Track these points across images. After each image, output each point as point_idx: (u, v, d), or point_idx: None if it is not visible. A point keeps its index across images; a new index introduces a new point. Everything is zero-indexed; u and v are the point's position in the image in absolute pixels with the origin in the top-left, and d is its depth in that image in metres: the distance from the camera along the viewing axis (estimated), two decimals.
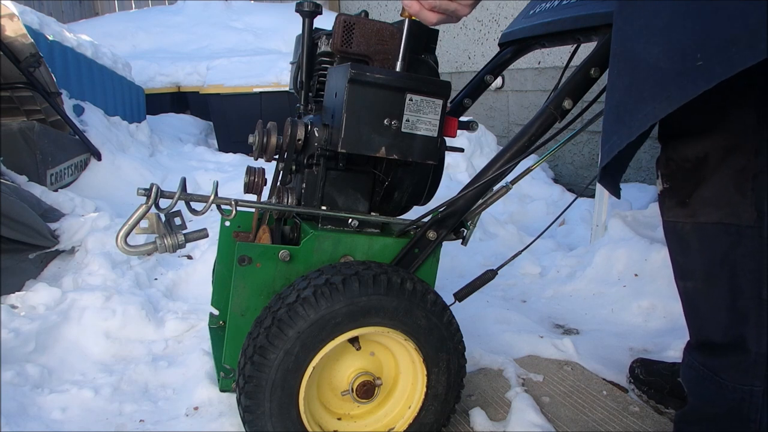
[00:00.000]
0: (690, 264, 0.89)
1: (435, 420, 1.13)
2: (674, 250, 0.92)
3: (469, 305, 1.80)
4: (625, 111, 0.77)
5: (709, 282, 0.87)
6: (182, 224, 1.11)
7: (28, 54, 2.66)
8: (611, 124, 0.79)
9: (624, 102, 0.78)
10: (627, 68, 0.78)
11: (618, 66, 0.80)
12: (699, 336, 0.92)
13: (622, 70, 0.79)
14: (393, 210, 1.30)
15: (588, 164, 3.58)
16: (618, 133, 0.77)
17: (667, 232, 0.93)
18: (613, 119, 0.79)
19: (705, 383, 0.89)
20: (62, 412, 1.29)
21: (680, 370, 0.98)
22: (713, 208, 0.83)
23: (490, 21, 4.23)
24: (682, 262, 0.91)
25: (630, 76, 0.77)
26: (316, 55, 1.27)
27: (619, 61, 0.80)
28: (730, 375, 0.86)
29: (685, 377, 0.95)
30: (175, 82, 5.23)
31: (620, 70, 0.79)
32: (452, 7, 0.97)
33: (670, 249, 0.93)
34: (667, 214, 0.91)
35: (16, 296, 1.77)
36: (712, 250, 0.85)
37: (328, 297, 0.99)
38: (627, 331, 1.78)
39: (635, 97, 0.76)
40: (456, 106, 1.44)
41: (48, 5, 7.31)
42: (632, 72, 0.77)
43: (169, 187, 1.06)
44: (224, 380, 1.24)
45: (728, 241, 0.83)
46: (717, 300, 0.86)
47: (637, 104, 0.75)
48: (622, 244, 2.05)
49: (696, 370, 0.91)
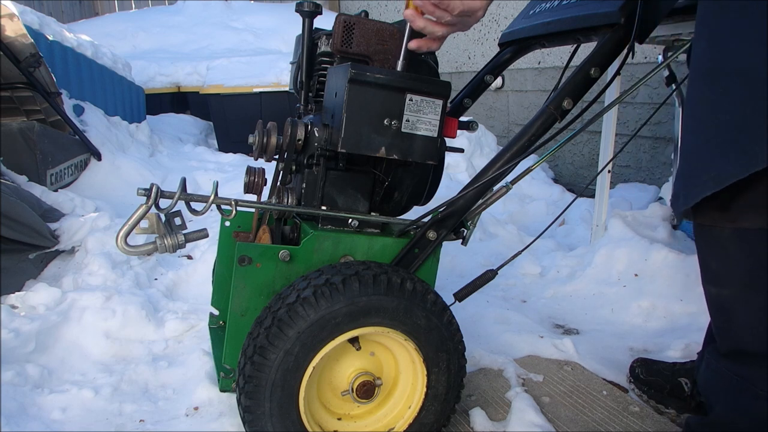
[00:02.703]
0: (727, 270, 0.85)
1: (435, 420, 1.13)
2: (708, 255, 0.88)
3: (469, 305, 1.80)
4: (744, 137, 0.70)
5: (748, 289, 0.82)
6: (182, 224, 1.11)
7: (28, 54, 2.66)
8: (718, 149, 0.72)
9: (740, 127, 0.71)
10: (740, 86, 0.70)
11: (723, 81, 0.72)
12: (733, 344, 0.87)
13: (733, 88, 0.71)
14: (393, 210, 1.30)
15: (588, 164, 3.58)
16: (733, 163, 0.70)
17: (701, 236, 0.88)
18: (720, 143, 0.72)
19: (738, 393, 0.85)
20: (62, 412, 1.29)
21: (702, 376, 0.94)
22: (757, 213, 0.78)
23: (490, 21, 4.24)
24: (717, 267, 0.86)
25: (748, 97, 0.70)
26: (316, 55, 1.27)
27: (721, 75, 0.72)
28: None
29: (710, 384, 0.91)
30: (175, 82, 5.23)
31: (729, 88, 0.72)
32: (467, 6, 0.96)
33: (703, 253, 0.89)
34: (700, 218, 0.86)
35: (16, 296, 1.77)
36: (754, 256, 0.81)
37: (328, 297, 0.99)
38: (627, 331, 1.78)
39: (759, 122, 0.68)
40: (456, 106, 1.44)
41: (48, 5, 7.31)
42: (751, 92, 0.69)
43: (169, 187, 1.06)
44: (224, 380, 1.24)
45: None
46: (757, 308, 0.82)
47: (765, 134, 0.68)
48: (622, 244, 2.05)
49: (727, 378, 0.87)
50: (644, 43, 1.03)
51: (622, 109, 3.18)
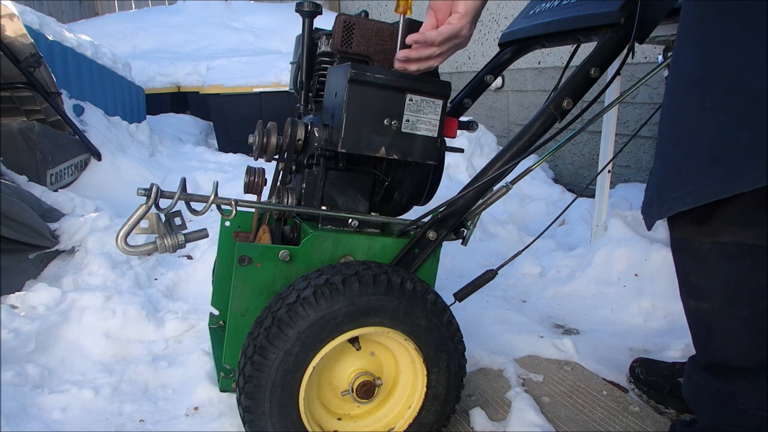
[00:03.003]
0: (707, 284, 0.83)
1: (435, 420, 1.13)
2: (688, 269, 0.85)
3: (469, 305, 1.80)
4: (730, 155, 0.66)
5: (729, 304, 0.80)
6: (182, 224, 1.11)
7: (28, 54, 2.66)
8: (703, 166, 0.69)
9: (726, 144, 0.67)
10: (729, 101, 0.66)
11: (711, 93, 0.68)
12: (713, 358, 0.85)
13: (721, 102, 0.67)
14: (393, 210, 1.30)
15: (588, 164, 3.58)
16: (717, 182, 0.67)
17: (679, 250, 0.86)
18: (704, 161, 0.68)
19: (720, 407, 0.84)
20: (62, 412, 1.29)
21: (685, 387, 0.92)
22: (737, 227, 0.76)
23: (490, 21, 4.24)
24: (697, 281, 0.84)
25: (737, 113, 0.66)
26: (316, 55, 1.27)
27: (709, 87, 0.68)
28: (750, 400, 0.80)
29: (694, 397, 0.89)
30: (175, 82, 5.23)
31: (717, 101, 0.67)
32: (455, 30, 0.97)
33: (682, 267, 0.87)
34: (678, 231, 0.84)
35: (16, 296, 1.77)
36: (734, 271, 0.79)
37: (328, 297, 0.99)
38: (627, 331, 1.78)
39: (749, 141, 0.65)
40: (456, 106, 1.44)
41: (48, 5, 7.32)
42: (740, 107, 0.65)
43: (169, 187, 1.06)
44: (224, 380, 1.24)
45: (752, 263, 0.77)
46: (737, 323, 0.80)
47: (753, 155, 0.64)
48: (622, 244, 2.05)
49: (709, 392, 0.85)
50: (644, 43, 1.03)
51: (622, 109, 3.18)
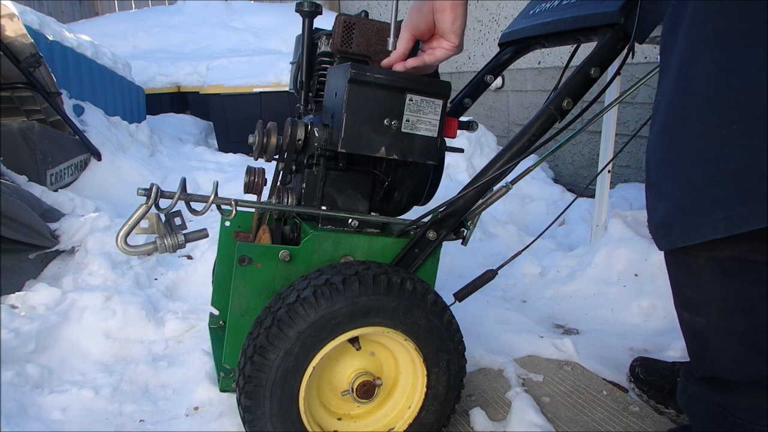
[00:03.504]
0: (702, 298, 0.81)
1: (435, 420, 1.13)
2: (682, 283, 0.84)
3: (469, 305, 1.80)
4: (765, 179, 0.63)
5: (724, 319, 0.79)
6: (182, 224, 1.11)
7: (28, 54, 2.66)
8: (736, 194, 0.66)
9: (758, 170, 0.64)
10: (759, 124, 0.63)
11: (737, 114, 0.65)
12: (708, 371, 0.85)
13: (751, 125, 0.64)
14: (393, 210, 1.30)
15: (588, 164, 3.58)
16: (756, 207, 0.64)
17: (673, 263, 0.85)
18: (734, 187, 0.66)
19: (717, 420, 0.83)
20: (62, 412, 1.29)
21: (680, 396, 0.91)
22: (733, 242, 0.73)
23: (490, 21, 4.24)
24: (692, 295, 0.83)
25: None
26: (316, 55, 1.27)
27: (735, 108, 0.64)
28: (746, 414, 0.79)
29: (690, 407, 0.89)
30: (175, 82, 5.24)
31: (745, 124, 0.64)
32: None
33: (676, 280, 0.85)
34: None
35: (16, 296, 1.77)
36: (730, 286, 0.77)
37: (328, 297, 0.99)
38: (627, 331, 1.78)
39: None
40: (456, 106, 1.44)
41: (48, 5, 7.32)
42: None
43: (169, 187, 1.06)
44: (224, 380, 1.24)
45: (748, 278, 0.76)
46: (733, 338, 0.79)
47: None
48: (622, 244, 2.05)
49: (704, 404, 0.85)
50: (644, 43, 1.02)
51: (622, 109, 3.18)
